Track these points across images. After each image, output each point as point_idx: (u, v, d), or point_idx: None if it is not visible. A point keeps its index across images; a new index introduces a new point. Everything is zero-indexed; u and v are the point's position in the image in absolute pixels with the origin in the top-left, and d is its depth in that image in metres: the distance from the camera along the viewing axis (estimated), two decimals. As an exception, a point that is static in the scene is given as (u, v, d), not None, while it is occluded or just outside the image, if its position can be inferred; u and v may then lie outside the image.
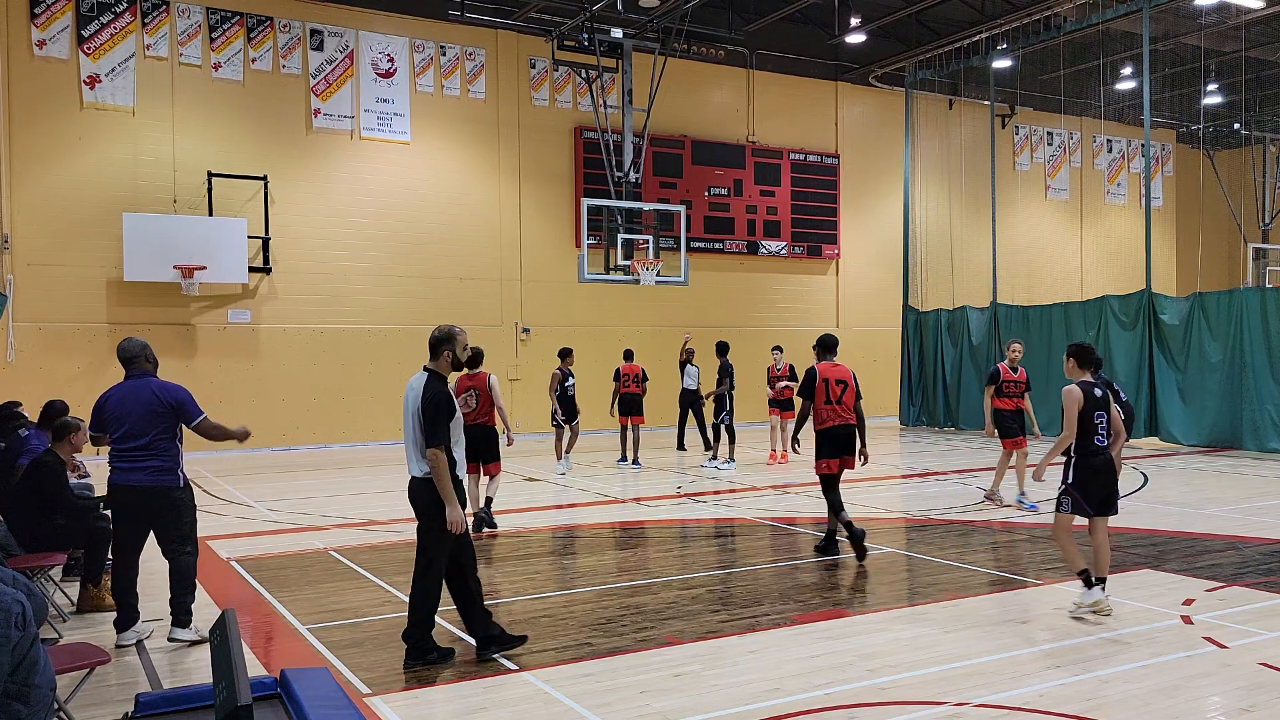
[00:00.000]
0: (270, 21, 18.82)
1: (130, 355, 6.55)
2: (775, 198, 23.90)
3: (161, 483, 6.39)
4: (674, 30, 18.80)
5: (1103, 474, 6.77)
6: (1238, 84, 25.97)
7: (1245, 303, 17.06)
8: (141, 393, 6.41)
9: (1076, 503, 6.77)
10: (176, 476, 6.45)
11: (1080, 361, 6.99)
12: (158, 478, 6.37)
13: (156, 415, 6.37)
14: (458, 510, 5.75)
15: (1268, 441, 16.52)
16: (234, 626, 3.34)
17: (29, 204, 17.07)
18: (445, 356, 5.95)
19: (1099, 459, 6.76)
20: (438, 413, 5.74)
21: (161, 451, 6.38)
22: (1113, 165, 29.76)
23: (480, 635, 6.03)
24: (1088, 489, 6.76)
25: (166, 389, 6.47)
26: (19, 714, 3.49)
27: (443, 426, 5.75)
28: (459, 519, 5.74)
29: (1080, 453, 6.76)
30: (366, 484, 14.21)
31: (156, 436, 6.36)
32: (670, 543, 9.76)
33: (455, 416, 5.90)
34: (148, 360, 6.60)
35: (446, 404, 5.79)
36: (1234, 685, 5.42)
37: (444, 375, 5.96)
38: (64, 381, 16.94)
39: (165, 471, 6.39)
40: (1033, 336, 20.65)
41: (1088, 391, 6.77)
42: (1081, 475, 6.75)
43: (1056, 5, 20.61)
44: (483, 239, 20.84)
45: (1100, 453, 6.77)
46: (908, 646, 6.17)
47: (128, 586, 6.46)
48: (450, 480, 5.77)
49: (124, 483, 6.37)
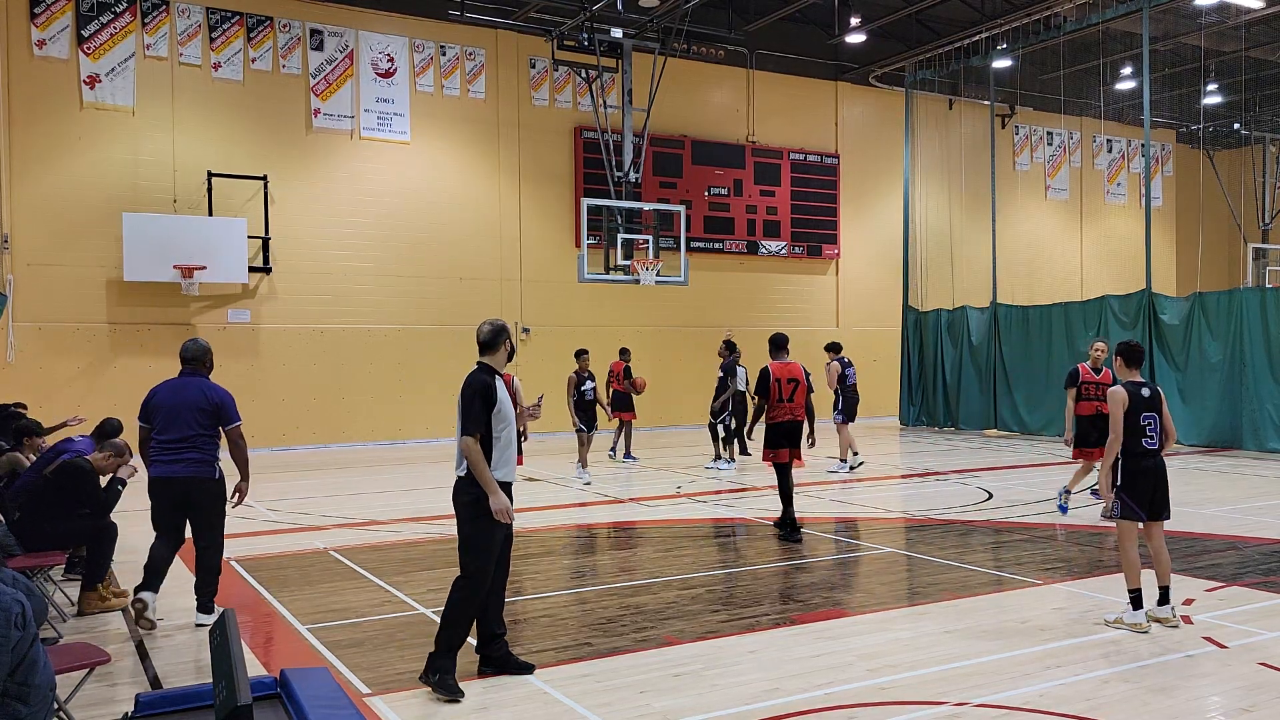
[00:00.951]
0: (270, 21, 18.82)
1: (188, 356, 7.06)
2: (775, 198, 23.90)
3: (197, 474, 6.84)
4: (674, 30, 18.80)
5: (1152, 476, 6.55)
6: (1238, 84, 25.97)
7: (1245, 303, 17.06)
8: (188, 390, 6.92)
9: (1126, 506, 6.57)
10: (213, 469, 6.91)
11: (1128, 360, 6.79)
12: (195, 469, 6.83)
13: (200, 412, 6.84)
14: (501, 497, 5.55)
15: (1267, 441, 16.52)
16: (234, 626, 3.34)
17: (29, 204, 17.07)
18: (504, 347, 5.79)
19: (1148, 461, 6.54)
20: (473, 399, 5.54)
21: (200, 445, 6.85)
22: (1113, 165, 29.76)
23: (487, 647, 5.78)
24: (1136, 492, 6.54)
25: (213, 389, 6.97)
26: (19, 714, 3.49)
27: (477, 415, 5.52)
28: (504, 505, 5.56)
29: (1128, 454, 6.54)
30: (366, 484, 14.20)
31: (197, 431, 6.83)
32: (670, 543, 9.76)
33: (501, 411, 5.62)
34: (204, 364, 7.08)
35: (485, 392, 5.56)
36: (1234, 685, 5.42)
37: (496, 369, 5.76)
38: (64, 381, 16.95)
39: (202, 464, 6.85)
40: (1032, 337, 20.67)
41: (1134, 392, 6.56)
42: (1130, 478, 6.55)
43: (1056, 5, 20.61)
44: (483, 239, 20.84)
45: (1150, 455, 6.55)
46: (908, 646, 6.17)
47: (159, 565, 6.88)
48: (488, 468, 5.53)
49: (163, 475, 6.83)
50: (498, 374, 5.77)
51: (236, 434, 6.97)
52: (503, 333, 5.84)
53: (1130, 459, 6.54)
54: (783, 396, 9.67)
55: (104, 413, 9.50)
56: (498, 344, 5.80)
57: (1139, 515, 6.57)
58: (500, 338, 5.82)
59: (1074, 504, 11.54)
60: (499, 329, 5.85)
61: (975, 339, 21.90)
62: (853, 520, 10.92)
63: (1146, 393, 6.60)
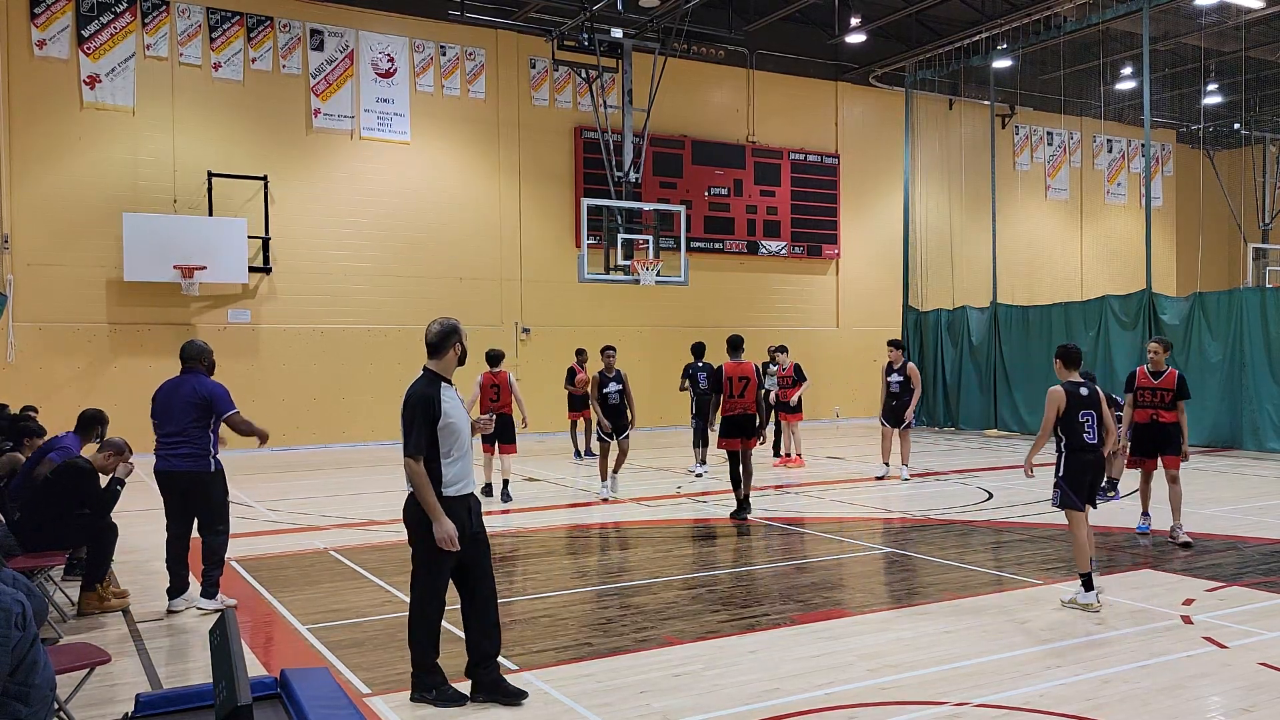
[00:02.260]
0: (270, 21, 18.82)
1: (186, 356, 7.36)
2: (775, 198, 23.90)
3: (192, 468, 7.12)
4: (674, 30, 18.80)
5: (1092, 470, 7.11)
6: (1238, 84, 25.97)
7: (1245, 303, 17.06)
8: (182, 387, 7.21)
9: (1065, 495, 7.09)
10: (208, 462, 7.16)
11: (1066, 363, 7.26)
12: (190, 463, 7.11)
13: (191, 405, 7.10)
14: (446, 524, 5.08)
15: (1267, 441, 16.52)
16: (234, 626, 3.34)
17: (29, 204, 17.07)
18: (454, 350, 5.33)
19: (1089, 455, 7.08)
20: (413, 418, 5.11)
21: (194, 439, 7.10)
22: (1113, 165, 29.76)
23: (477, 671, 5.34)
24: (1077, 483, 7.07)
25: (203, 384, 7.19)
26: (19, 714, 3.49)
27: (418, 435, 5.08)
28: (447, 534, 5.08)
29: (1070, 449, 7.07)
30: (366, 484, 14.21)
31: (189, 426, 7.09)
32: (670, 543, 9.75)
33: (449, 426, 5.15)
34: (201, 362, 7.32)
35: (426, 407, 5.11)
36: (1234, 685, 5.42)
37: (444, 375, 5.32)
38: (64, 381, 16.95)
39: (197, 457, 7.12)
40: (1032, 337, 20.67)
41: (1072, 391, 7.07)
42: (1072, 470, 7.07)
43: (1056, 5, 20.61)
44: (483, 239, 20.84)
45: (1090, 449, 7.07)
46: (908, 646, 6.17)
47: (176, 558, 7.23)
48: (431, 492, 5.09)
49: (164, 468, 7.17)
50: (445, 380, 5.28)
51: (235, 420, 7.21)
52: (453, 334, 5.31)
53: (1072, 453, 7.07)
54: (734, 392, 10.82)
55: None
56: (445, 347, 5.29)
57: (1077, 504, 7.08)
58: (449, 340, 5.29)
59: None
60: (448, 330, 5.32)
61: (975, 339, 21.90)
62: (853, 520, 10.92)
63: (1085, 392, 7.12)
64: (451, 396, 5.27)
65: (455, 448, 5.22)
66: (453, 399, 5.27)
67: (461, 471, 5.25)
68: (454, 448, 5.21)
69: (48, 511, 7.18)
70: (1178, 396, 9.37)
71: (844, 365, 24.52)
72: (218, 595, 7.26)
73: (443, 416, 5.15)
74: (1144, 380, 9.57)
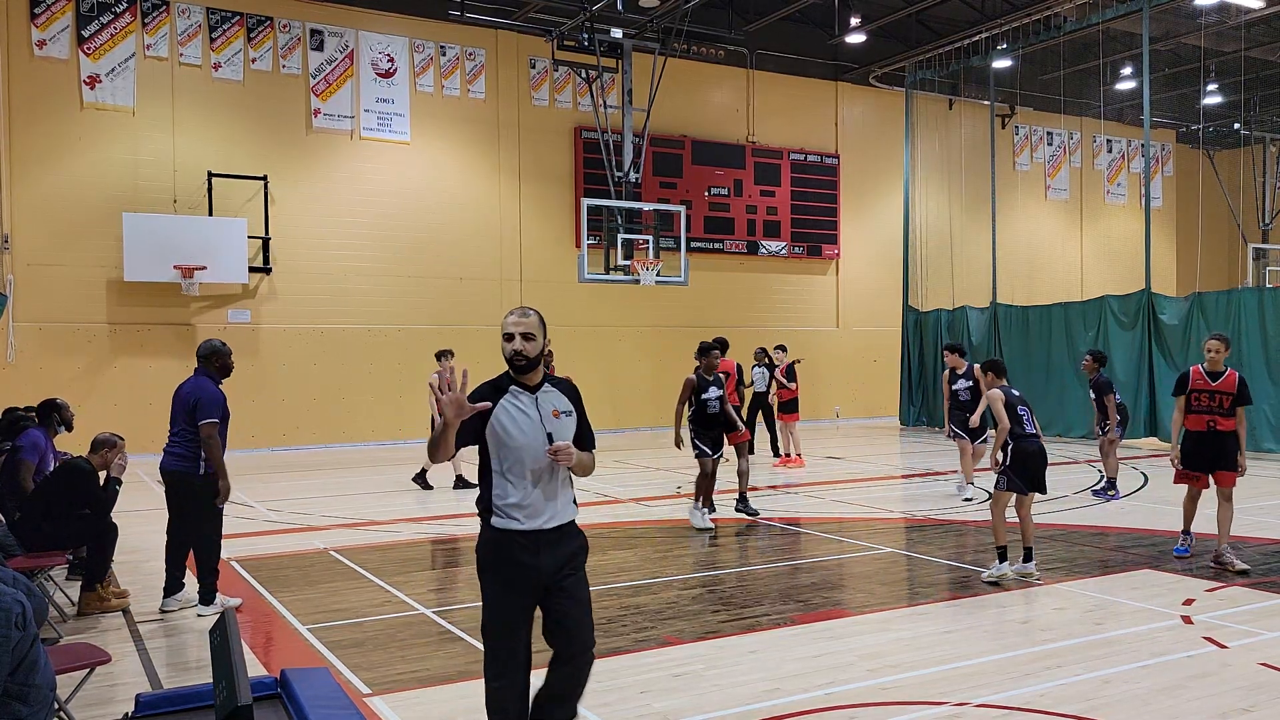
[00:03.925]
0: (270, 21, 18.81)
1: (198, 355, 7.40)
2: (775, 198, 23.90)
3: (177, 468, 7.11)
4: (674, 30, 18.79)
5: (1034, 458, 7.90)
6: (1238, 84, 25.97)
7: (1243, 303, 17.06)
8: (184, 387, 7.24)
9: (1011, 481, 7.89)
10: (195, 465, 7.08)
11: (996, 374, 8.42)
12: (179, 464, 7.11)
13: (184, 407, 7.13)
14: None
15: (1264, 442, 16.51)
16: (234, 626, 3.34)
17: (29, 204, 17.07)
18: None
19: (1030, 444, 7.92)
20: None
21: (186, 440, 7.09)
22: (1113, 165, 29.76)
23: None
24: (1021, 469, 7.86)
25: (198, 386, 7.17)
26: (19, 714, 3.49)
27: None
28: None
29: (1014, 438, 7.89)
30: (366, 484, 14.19)
31: (182, 427, 7.10)
32: (670, 543, 9.75)
33: (500, 433, 4.03)
34: (210, 363, 7.33)
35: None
36: (1234, 685, 5.42)
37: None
38: (64, 381, 16.92)
39: (186, 459, 7.09)
40: (1032, 337, 20.66)
41: (1007, 392, 8.12)
42: (1017, 458, 7.87)
43: (1056, 5, 20.61)
44: (483, 239, 20.84)
45: (1031, 439, 7.94)
46: (908, 646, 6.17)
47: (171, 557, 7.27)
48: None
49: (162, 466, 7.25)
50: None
51: (204, 430, 7.03)
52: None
53: (1016, 442, 7.90)
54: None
55: (104, 413, 9.53)
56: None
57: (1021, 489, 7.90)
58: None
59: (1079, 502, 11.55)
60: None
61: (975, 339, 21.90)
62: (852, 520, 10.91)
63: (1015, 392, 8.19)
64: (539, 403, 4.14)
65: (507, 458, 4.05)
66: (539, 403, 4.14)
67: (527, 497, 4.03)
68: (505, 455, 4.06)
69: (48, 511, 7.19)
70: (1238, 402, 8.21)
71: (844, 365, 24.54)
72: (217, 598, 7.20)
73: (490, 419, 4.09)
74: (1199, 382, 8.28)
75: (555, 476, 4.08)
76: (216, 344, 7.39)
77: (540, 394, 4.12)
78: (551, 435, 4.03)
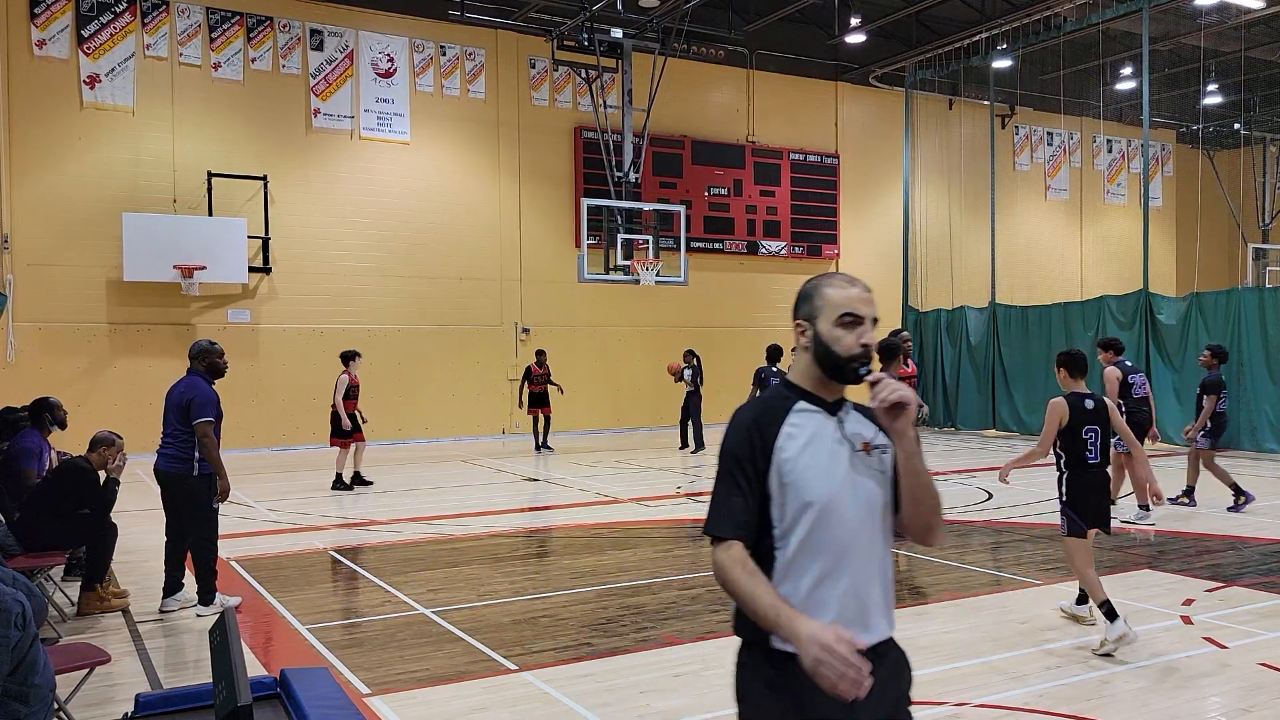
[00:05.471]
0: (270, 21, 18.81)
1: (189, 355, 7.42)
2: (775, 198, 23.90)
3: (170, 469, 7.11)
4: (674, 30, 18.80)
5: (1096, 492, 6.28)
6: (1238, 84, 25.98)
7: (1243, 303, 17.05)
8: (176, 388, 7.23)
9: (1072, 522, 6.27)
10: (189, 465, 7.07)
11: (1071, 370, 6.43)
12: (171, 464, 7.11)
13: (176, 409, 7.11)
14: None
15: (1264, 442, 16.51)
16: (233, 626, 3.34)
17: (29, 204, 17.07)
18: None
19: (1091, 475, 6.25)
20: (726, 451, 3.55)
21: (178, 441, 7.08)
22: (1112, 165, 29.75)
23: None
24: (1082, 507, 6.24)
25: (191, 386, 7.15)
26: (19, 714, 3.49)
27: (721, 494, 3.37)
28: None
29: (1071, 468, 6.27)
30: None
31: (175, 428, 7.09)
32: (670, 543, 9.76)
33: (785, 477, 2.50)
34: (200, 363, 7.30)
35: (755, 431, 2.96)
36: (1234, 685, 5.42)
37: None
38: (64, 381, 16.92)
39: (178, 460, 7.08)
40: (1031, 337, 20.66)
41: (1076, 404, 6.21)
42: (1074, 493, 6.25)
43: (1056, 5, 20.61)
44: (483, 239, 20.83)
45: (1093, 469, 6.25)
46: (908, 646, 6.12)
47: (169, 557, 7.29)
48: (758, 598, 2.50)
49: (155, 467, 7.28)
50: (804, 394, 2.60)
51: (200, 429, 7.02)
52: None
53: (1073, 472, 6.29)
54: None
55: (104, 413, 9.52)
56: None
57: (1082, 530, 6.28)
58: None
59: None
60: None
61: (974, 339, 21.90)
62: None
63: (1089, 404, 6.27)
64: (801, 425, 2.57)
65: (802, 524, 2.50)
66: (794, 432, 2.56)
67: (816, 593, 2.50)
68: (798, 523, 2.50)
69: (47, 511, 7.19)
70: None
71: (844, 365, 24.50)
72: (216, 599, 7.21)
73: (773, 459, 2.53)
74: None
75: None
76: (205, 344, 7.40)
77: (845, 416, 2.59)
78: None
